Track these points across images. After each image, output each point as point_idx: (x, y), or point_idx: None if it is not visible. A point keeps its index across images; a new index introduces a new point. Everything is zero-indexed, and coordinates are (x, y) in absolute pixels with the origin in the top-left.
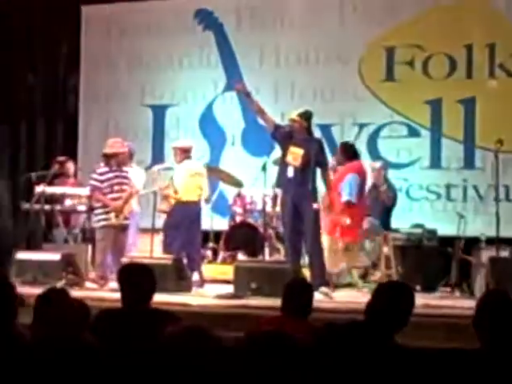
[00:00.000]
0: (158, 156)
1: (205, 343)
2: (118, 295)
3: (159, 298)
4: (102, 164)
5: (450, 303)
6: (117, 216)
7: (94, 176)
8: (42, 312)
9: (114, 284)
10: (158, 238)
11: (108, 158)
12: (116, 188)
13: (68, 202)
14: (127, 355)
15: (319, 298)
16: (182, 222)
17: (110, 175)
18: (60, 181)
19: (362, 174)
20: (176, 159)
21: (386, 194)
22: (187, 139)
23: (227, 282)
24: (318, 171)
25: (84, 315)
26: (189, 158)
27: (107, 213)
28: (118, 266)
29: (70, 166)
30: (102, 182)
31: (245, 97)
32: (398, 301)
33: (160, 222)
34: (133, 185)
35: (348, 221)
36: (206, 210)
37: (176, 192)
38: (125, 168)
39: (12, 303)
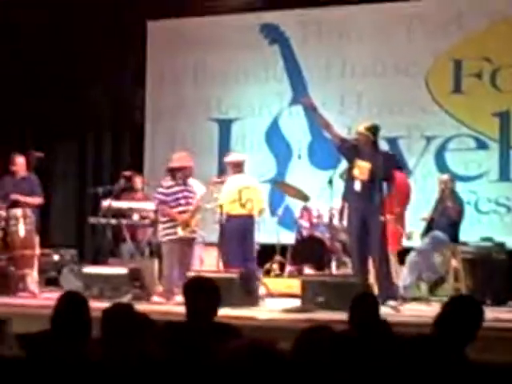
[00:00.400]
0: (224, 170)
1: (267, 360)
2: (183, 309)
3: (226, 311)
4: (167, 178)
5: None
6: (183, 229)
7: (160, 190)
8: (107, 327)
9: (180, 298)
10: None
11: (174, 171)
12: (182, 202)
13: (136, 217)
14: (188, 369)
15: (386, 311)
16: (233, 236)
17: (176, 189)
18: (127, 195)
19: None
20: (229, 173)
21: (453, 209)
22: (240, 153)
23: (294, 296)
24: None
25: (149, 329)
26: (240, 172)
27: (174, 226)
28: (184, 280)
29: (138, 181)
30: (168, 195)
31: (311, 111)
32: (468, 315)
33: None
34: (199, 198)
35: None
36: (271, 224)
37: (221, 206)
38: (189, 182)
39: (87, 321)
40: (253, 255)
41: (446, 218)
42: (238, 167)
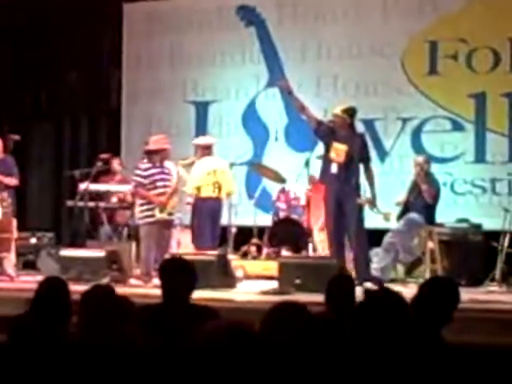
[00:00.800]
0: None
1: (244, 341)
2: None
3: (203, 293)
4: (144, 160)
5: (496, 298)
6: (161, 211)
7: (138, 172)
8: (87, 309)
9: (157, 281)
10: None
11: (151, 154)
12: (159, 184)
13: (114, 199)
14: (167, 352)
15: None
16: (203, 218)
17: (154, 171)
18: (105, 178)
19: None
20: (198, 156)
21: (428, 192)
22: (209, 136)
23: (271, 278)
24: (361, 166)
25: (129, 311)
26: (209, 154)
27: (151, 209)
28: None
29: (116, 163)
30: (145, 177)
31: (287, 94)
32: (444, 296)
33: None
34: (176, 181)
35: None
36: (248, 207)
37: (198, 189)
38: (166, 164)
39: (67, 305)
40: (217, 237)
41: (422, 201)
42: (207, 150)
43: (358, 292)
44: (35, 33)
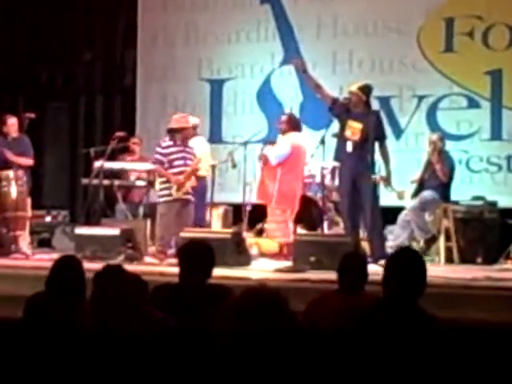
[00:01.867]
0: (215, 130)
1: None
2: (176, 270)
3: (218, 272)
4: (166, 138)
5: (511, 275)
6: (178, 190)
7: (158, 149)
8: (99, 290)
9: (172, 259)
10: (217, 212)
11: (173, 132)
12: (178, 163)
13: (132, 177)
14: (186, 330)
15: (379, 270)
16: (198, 196)
17: (173, 149)
18: (124, 156)
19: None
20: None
21: (441, 171)
22: (194, 117)
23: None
24: (376, 144)
25: (141, 290)
26: (195, 135)
27: (169, 188)
28: (177, 241)
29: (134, 142)
30: (164, 155)
31: (302, 73)
32: (408, 266)
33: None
34: (196, 161)
35: None
36: None
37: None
38: (191, 143)
39: (81, 283)
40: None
41: (436, 179)
42: (194, 130)
43: (372, 269)
44: (50, 11)
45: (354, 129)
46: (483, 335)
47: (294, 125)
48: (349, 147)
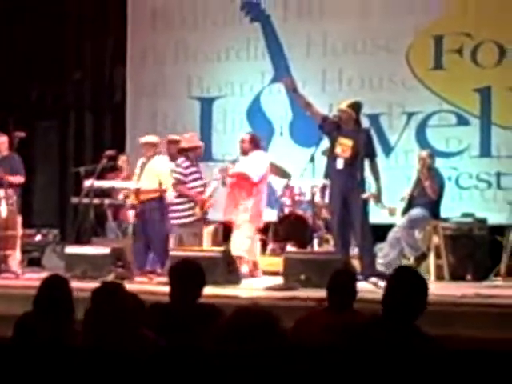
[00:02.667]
0: (206, 148)
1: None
2: (167, 289)
3: (209, 290)
4: (182, 158)
5: (501, 292)
6: (201, 209)
7: (179, 170)
8: (98, 306)
9: (162, 278)
10: (207, 230)
11: (186, 151)
12: (199, 183)
13: (121, 196)
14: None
15: (369, 288)
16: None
17: (193, 169)
18: (112, 175)
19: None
20: (151, 154)
21: (430, 188)
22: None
23: (276, 273)
24: (367, 162)
25: (138, 309)
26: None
27: (191, 208)
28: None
29: (122, 160)
30: (185, 175)
31: (291, 92)
32: (410, 285)
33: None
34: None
35: None
36: None
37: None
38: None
39: (69, 302)
40: None
41: (426, 196)
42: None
43: (363, 287)
44: (40, 30)
45: (345, 146)
46: (478, 356)
47: (256, 144)
48: (339, 164)
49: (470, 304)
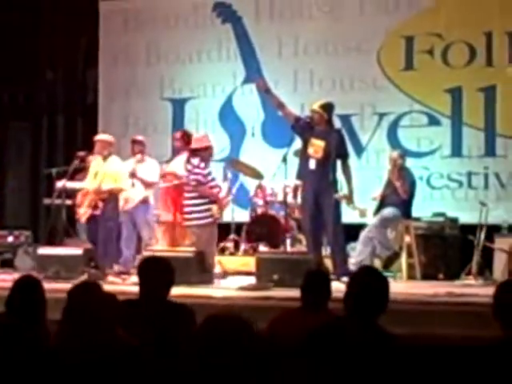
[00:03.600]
0: (176, 150)
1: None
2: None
3: (182, 290)
4: (197, 159)
5: (472, 291)
6: (219, 209)
7: (197, 171)
8: (74, 306)
9: (135, 278)
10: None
11: (199, 152)
12: (215, 183)
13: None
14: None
15: (341, 287)
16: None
17: (210, 170)
18: (81, 176)
19: None
20: (107, 152)
21: (401, 188)
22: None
23: (249, 273)
24: (339, 162)
25: (115, 310)
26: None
27: (209, 209)
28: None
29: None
30: (205, 176)
31: (264, 93)
32: (370, 285)
33: None
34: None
35: None
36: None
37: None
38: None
39: (41, 303)
40: None
41: (397, 196)
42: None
43: (335, 287)
44: (12, 31)
45: (317, 147)
46: (443, 353)
47: (187, 141)
48: (311, 165)
49: (442, 303)
